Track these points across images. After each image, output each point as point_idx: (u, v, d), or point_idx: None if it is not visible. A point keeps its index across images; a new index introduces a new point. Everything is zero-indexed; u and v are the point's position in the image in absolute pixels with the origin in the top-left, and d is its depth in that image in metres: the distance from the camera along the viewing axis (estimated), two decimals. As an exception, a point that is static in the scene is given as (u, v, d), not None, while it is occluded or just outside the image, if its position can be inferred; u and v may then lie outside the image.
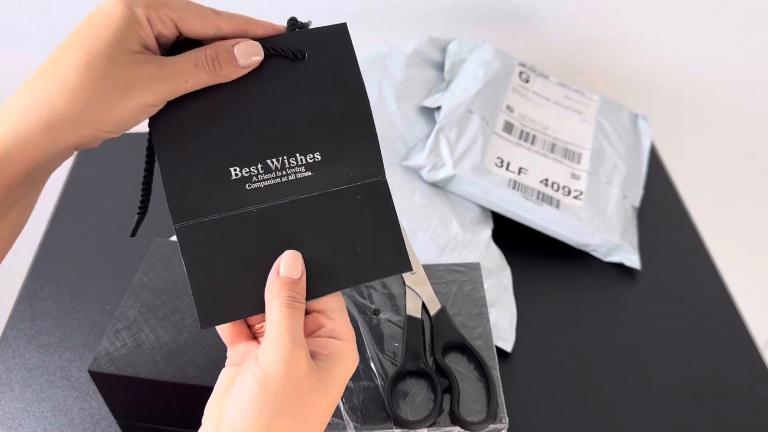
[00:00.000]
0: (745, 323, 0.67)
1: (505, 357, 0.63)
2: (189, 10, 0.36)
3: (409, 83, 0.79)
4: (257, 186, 0.38)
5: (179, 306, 0.53)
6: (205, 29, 0.37)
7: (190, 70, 0.36)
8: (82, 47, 0.34)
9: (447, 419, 0.47)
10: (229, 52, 0.37)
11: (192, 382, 0.48)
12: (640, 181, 0.81)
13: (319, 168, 0.38)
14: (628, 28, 0.92)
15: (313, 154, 0.38)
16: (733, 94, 1.00)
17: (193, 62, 0.36)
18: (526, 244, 0.74)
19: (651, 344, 0.65)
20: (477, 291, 0.56)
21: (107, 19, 0.34)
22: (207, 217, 0.37)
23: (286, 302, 0.35)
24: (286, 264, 0.37)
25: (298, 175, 0.38)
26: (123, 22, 0.34)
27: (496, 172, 0.72)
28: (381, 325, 0.53)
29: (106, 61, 0.34)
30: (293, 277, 0.36)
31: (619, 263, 0.73)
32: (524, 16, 0.90)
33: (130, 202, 0.79)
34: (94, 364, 0.49)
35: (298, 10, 0.88)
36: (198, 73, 0.36)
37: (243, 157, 0.38)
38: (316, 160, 0.38)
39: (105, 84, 0.34)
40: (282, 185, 0.38)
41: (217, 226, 0.37)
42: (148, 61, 0.35)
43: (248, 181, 0.38)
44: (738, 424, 0.58)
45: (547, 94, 0.84)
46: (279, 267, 0.37)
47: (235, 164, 0.38)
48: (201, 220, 0.37)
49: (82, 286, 0.70)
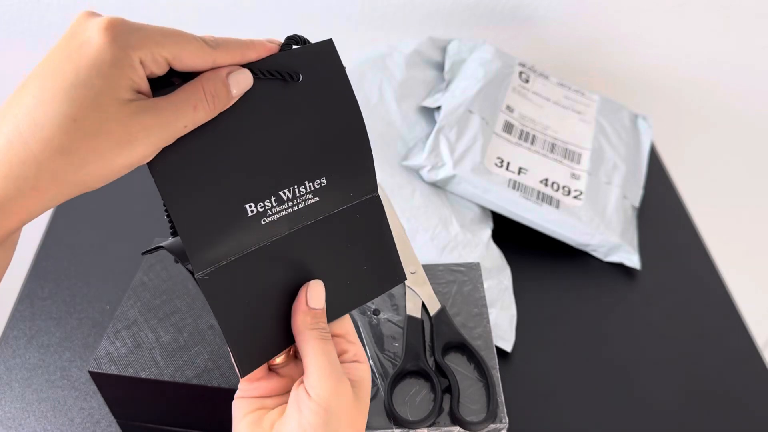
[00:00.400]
0: (745, 323, 0.67)
1: (505, 357, 0.63)
2: (184, 48, 0.32)
3: (409, 83, 0.79)
4: (272, 219, 0.36)
5: (179, 306, 0.53)
6: (201, 65, 0.33)
7: (189, 113, 0.33)
8: (67, 96, 0.29)
9: (447, 419, 0.47)
10: (226, 86, 0.34)
11: (192, 382, 0.48)
12: (640, 181, 0.81)
13: (325, 192, 0.38)
14: (628, 28, 0.92)
15: (320, 179, 0.38)
16: (733, 94, 1.00)
17: (191, 105, 0.33)
18: (526, 244, 0.74)
19: (651, 344, 0.65)
20: (477, 291, 0.56)
21: (96, 63, 0.29)
22: (227, 259, 0.35)
23: (321, 334, 0.36)
24: (313, 295, 0.37)
25: (307, 203, 0.37)
26: (114, 68, 0.30)
27: (496, 172, 0.72)
28: (381, 325, 0.53)
29: (98, 117, 0.30)
30: (320, 307, 0.37)
31: (619, 263, 0.73)
32: (524, 16, 0.90)
33: (131, 202, 0.79)
34: (94, 364, 0.49)
35: (298, 11, 0.88)
36: (197, 115, 0.33)
37: (255, 191, 0.36)
38: (322, 185, 0.38)
39: (98, 143, 0.30)
40: (293, 215, 0.37)
41: (237, 267, 0.36)
42: (142, 110, 0.31)
43: (263, 216, 0.36)
44: (738, 423, 0.58)
45: (547, 94, 0.84)
46: (306, 298, 0.37)
47: (249, 200, 0.36)
48: (221, 264, 0.35)
49: (82, 286, 0.70)
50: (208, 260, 0.35)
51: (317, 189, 0.38)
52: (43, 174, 0.30)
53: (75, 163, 0.30)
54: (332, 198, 0.38)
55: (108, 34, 0.30)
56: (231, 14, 0.89)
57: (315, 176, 0.38)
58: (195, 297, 0.54)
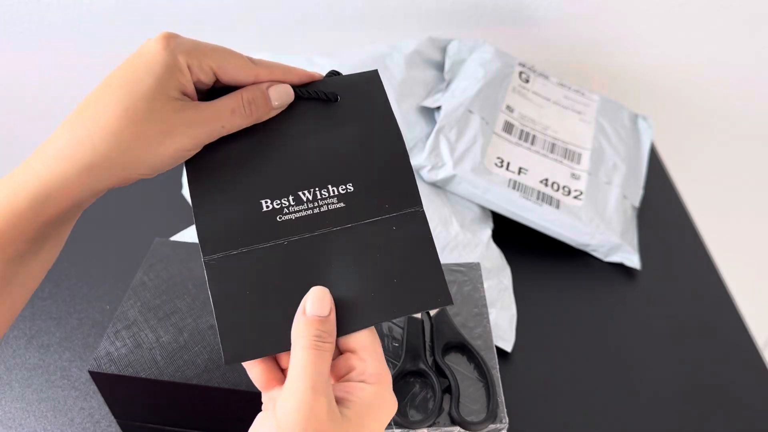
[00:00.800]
0: (745, 323, 0.67)
1: (505, 357, 0.63)
2: (229, 61, 0.37)
3: (409, 83, 0.79)
4: (288, 218, 0.37)
5: (179, 306, 0.53)
6: (244, 78, 0.38)
7: (227, 115, 0.37)
8: (122, 90, 0.34)
9: (447, 419, 0.47)
10: (265, 96, 0.38)
11: (192, 382, 0.48)
12: (640, 181, 0.81)
13: (352, 199, 0.38)
14: (628, 28, 0.93)
15: (345, 185, 0.38)
16: (734, 94, 1.00)
17: (230, 108, 0.37)
18: (526, 244, 0.74)
19: (651, 344, 0.65)
20: (477, 291, 0.56)
21: (149, 65, 0.35)
22: (237, 249, 0.36)
23: (311, 343, 0.33)
24: (312, 301, 0.35)
25: (331, 207, 0.38)
26: (165, 69, 0.35)
27: (496, 172, 0.72)
28: (381, 325, 0.53)
29: (147, 107, 0.34)
30: (321, 314, 0.34)
31: (619, 263, 0.73)
32: (524, 16, 0.91)
33: (131, 202, 0.79)
34: (94, 364, 0.49)
35: (298, 11, 0.88)
36: (234, 118, 0.37)
37: (274, 189, 0.38)
38: (348, 191, 0.38)
39: (145, 129, 0.34)
40: (314, 217, 0.37)
41: (246, 259, 0.36)
42: (186, 108, 0.35)
43: (279, 213, 0.37)
44: (738, 423, 0.58)
45: (547, 94, 0.84)
46: (305, 305, 0.35)
47: (265, 196, 0.37)
48: (230, 253, 0.36)
49: (82, 286, 0.70)
50: (216, 246, 0.36)
51: (342, 194, 0.38)
52: (97, 154, 0.34)
53: (123, 145, 0.34)
54: (362, 206, 0.38)
55: (162, 42, 0.35)
56: (231, 15, 0.89)
57: (340, 182, 0.38)
58: (195, 297, 0.54)
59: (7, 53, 0.91)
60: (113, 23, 0.88)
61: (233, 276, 0.36)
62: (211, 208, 0.37)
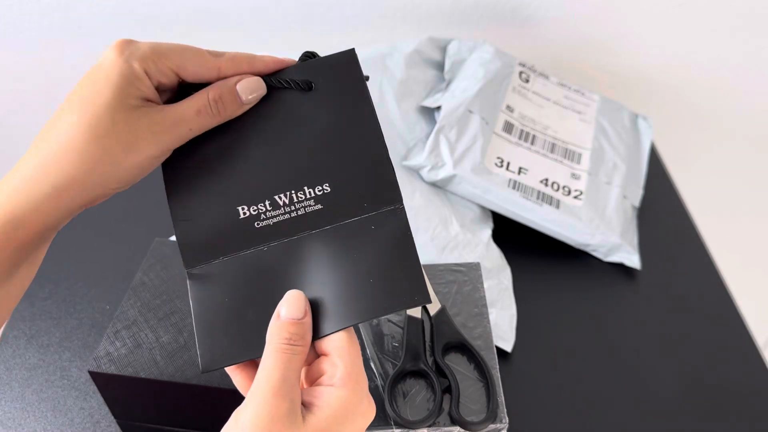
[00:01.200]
0: (745, 323, 0.67)
1: (505, 357, 0.63)
2: (187, 58, 0.36)
3: (409, 83, 0.79)
4: (266, 224, 0.37)
5: (179, 306, 0.53)
6: (207, 74, 0.37)
7: (192, 117, 0.36)
8: (83, 106, 0.34)
9: (447, 419, 0.47)
10: (232, 92, 0.37)
11: (192, 382, 0.48)
12: (640, 181, 0.81)
13: (330, 200, 0.37)
14: (628, 28, 0.92)
15: (322, 186, 0.37)
16: (734, 94, 1.00)
17: (195, 109, 0.36)
18: (526, 244, 0.74)
19: (651, 344, 0.65)
20: (477, 291, 0.56)
21: (107, 76, 0.34)
22: (218, 259, 0.36)
23: (281, 346, 0.33)
24: (287, 305, 0.34)
25: (308, 210, 0.37)
26: (121, 78, 0.34)
27: (496, 172, 0.72)
28: (381, 325, 0.53)
29: (109, 119, 0.34)
30: (295, 317, 0.34)
31: (619, 263, 0.73)
32: (524, 16, 0.90)
33: (131, 202, 0.79)
34: (94, 364, 0.49)
35: (298, 11, 0.88)
36: (201, 119, 0.36)
37: (250, 194, 0.37)
38: (325, 192, 0.37)
39: (109, 143, 0.34)
40: (292, 221, 0.37)
41: (226, 267, 0.36)
42: (149, 114, 0.35)
43: (257, 220, 0.37)
44: (738, 423, 0.58)
45: (547, 94, 0.84)
46: (281, 308, 0.34)
47: (242, 202, 0.37)
48: (212, 263, 0.36)
49: (82, 286, 0.70)
50: (198, 257, 0.36)
51: (319, 196, 0.37)
52: (64, 175, 0.34)
53: (89, 164, 0.34)
54: (340, 207, 0.37)
55: (116, 50, 0.35)
56: (231, 15, 0.89)
57: (316, 182, 0.37)
58: (195, 297, 0.54)
59: (7, 53, 0.91)
60: (113, 23, 0.88)
61: (213, 285, 0.36)
62: (190, 216, 0.37)
